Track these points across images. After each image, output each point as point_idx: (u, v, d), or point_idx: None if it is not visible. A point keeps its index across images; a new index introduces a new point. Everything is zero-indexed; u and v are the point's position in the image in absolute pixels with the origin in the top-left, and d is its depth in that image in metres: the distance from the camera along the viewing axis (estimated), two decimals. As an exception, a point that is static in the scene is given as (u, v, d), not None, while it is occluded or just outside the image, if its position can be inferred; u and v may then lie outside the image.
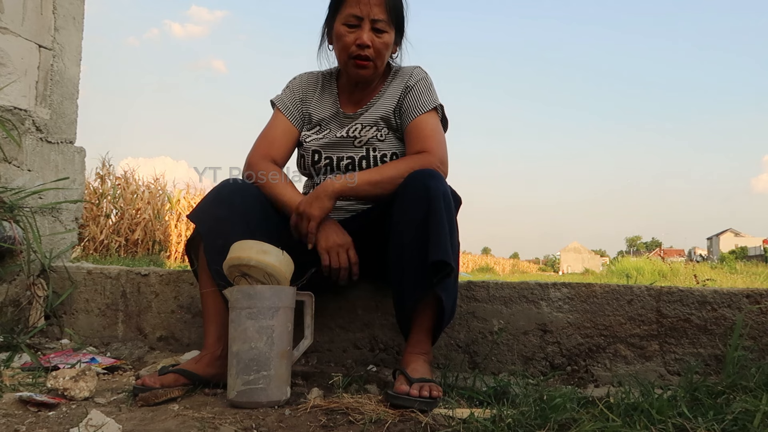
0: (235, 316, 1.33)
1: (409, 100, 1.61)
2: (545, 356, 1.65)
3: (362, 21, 1.54)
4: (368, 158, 1.63)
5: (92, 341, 2.03)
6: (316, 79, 1.75)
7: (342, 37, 1.56)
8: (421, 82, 1.63)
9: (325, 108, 1.71)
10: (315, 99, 1.72)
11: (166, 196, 10.48)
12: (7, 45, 2.10)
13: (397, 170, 1.48)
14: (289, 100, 1.71)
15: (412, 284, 1.38)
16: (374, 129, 1.64)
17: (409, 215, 1.37)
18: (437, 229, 1.33)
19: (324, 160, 1.66)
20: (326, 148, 1.66)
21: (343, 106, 1.70)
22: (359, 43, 1.55)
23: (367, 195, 1.51)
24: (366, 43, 1.54)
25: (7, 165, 2.10)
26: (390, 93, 1.65)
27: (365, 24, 1.54)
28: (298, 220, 1.49)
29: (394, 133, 1.65)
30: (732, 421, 1.09)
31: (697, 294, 1.57)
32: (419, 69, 1.68)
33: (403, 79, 1.66)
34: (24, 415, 1.21)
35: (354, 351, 1.77)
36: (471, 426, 1.13)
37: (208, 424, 1.16)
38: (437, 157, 1.51)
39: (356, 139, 1.64)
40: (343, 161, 1.64)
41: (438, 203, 1.35)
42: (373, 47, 1.56)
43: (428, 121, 1.58)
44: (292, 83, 1.75)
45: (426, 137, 1.55)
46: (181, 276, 1.99)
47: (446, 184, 1.42)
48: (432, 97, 1.62)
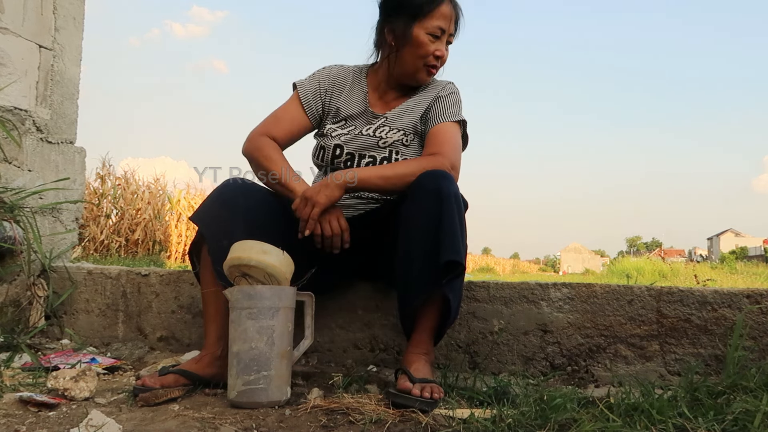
0: (235, 317, 1.33)
1: (436, 108, 1.64)
2: (545, 356, 1.65)
3: (444, 34, 1.61)
4: (390, 161, 1.63)
5: (92, 341, 2.03)
6: (347, 74, 1.75)
7: (424, 46, 1.60)
8: (452, 95, 1.67)
9: (354, 104, 1.71)
10: (345, 93, 1.72)
11: (167, 197, 10.49)
12: (7, 45, 2.10)
13: (409, 168, 1.48)
14: (311, 89, 1.71)
15: (421, 282, 1.37)
16: (401, 133, 1.65)
17: (421, 214, 1.38)
18: (450, 229, 1.34)
19: (345, 155, 1.65)
20: (350, 144, 1.66)
21: (372, 105, 1.70)
22: (438, 55, 1.61)
23: (377, 189, 1.51)
24: (444, 56, 1.63)
25: (7, 165, 2.10)
26: (421, 101, 1.68)
27: (444, 37, 1.62)
28: (302, 205, 1.47)
29: (419, 141, 1.67)
30: (732, 421, 1.09)
31: (698, 294, 1.57)
32: (452, 84, 1.72)
33: (435, 89, 1.69)
34: (24, 415, 1.21)
35: (354, 351, 1.77)
36: (471, 426, 1.13)
37: (208, 424, 1.16)
38: (449, 161, 1.52)
39: (381, 139, 1.64)
40: (365, 159, 1.64)
41: (450, 203, 1.36)
42: (442, 59, 1.64)
43: (449, 129, 1.61)
44: (320, 73, 1.74)
45: (443, 142, 1.57)
46: (181, 276, 1.99)
47: (457, 186, 1.43)
48: (458, 111, 1.65)
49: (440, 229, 1.34)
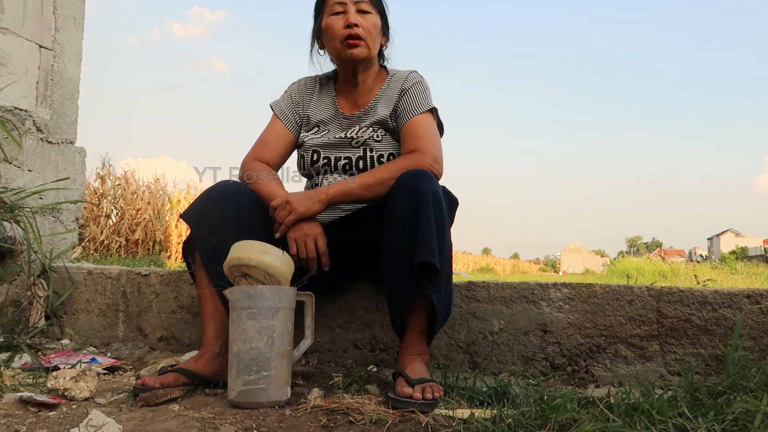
0: (235, 317, 1.33)
1: (405, 103, 1.64)
2: (546, 356, 1.65)
3: (346, 6, 1.62)
4: (365, 158, 1.64)
5: (92, 341, 2.03)
6: (314, 83, 1.79)
7: (331, 27, 1.62)
8: (417, 85, 1.66)
9: (324, 110, 1.74)
10: (313, 101, 1.76)
11: (167, 197, 10.49)
12: (7, 45, 2.10)
13: (389, 172, 1.49)
14: (286, 105, 1.76)
15: (402, 286, 1.38)
16: (371, 130, 1.66)
17: (398, 216, 1.38)
18: (424, 230, 1.33)
19: (323, 159, 1.67)
20: (325, 147, 1.68)
21: (342, 107, 1.72)
22: (348, 24, 1.61)
23: (361, 198, 1.52)
24: (353, 22, 1.60)
25: (7, 165, 2.10)
26: (387, 96, 1.68)
27: (349, 7, 1.62)
28: (280, 208, 1.49)
29: (391, 135, 1.67)
30: (732, 421, 1.09)
31: (698, 294, 1.57)
32: (415, 73, 1.71)
33: (399, 82, 1.68)
34: (24, 416, 1.21)
35: (354, 351, 1.77)
36: (471, 426, 1.13)
37: (208, 424, 1.16)
38: (430, 156, 1.52)
39: (353, 139, 1.65)
40: (341, 161, 1.66)
41: (426, 204, 1.35)
42: (361, 27, 1.62)
43: (423, 121, 1.60)
44: (290, 88, 1.80)
45: (420, 137, 1.57)
46: (181, 276, 1.99)
47: (437, 184, 1.42)
48: (427, 100, 1.64)
49: (416, 231, 1.33)
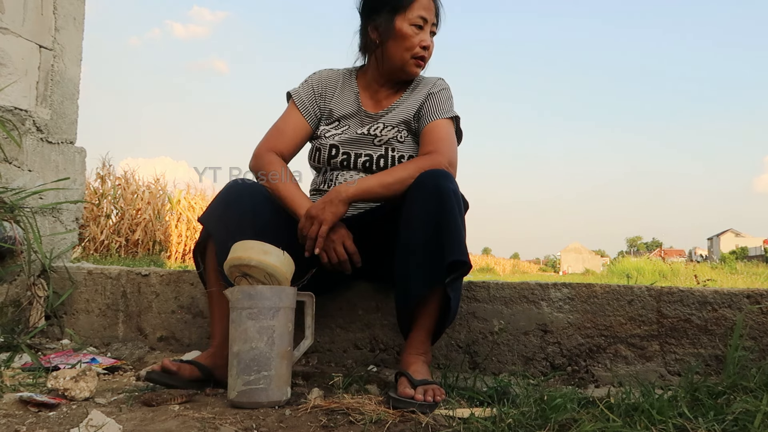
0: (235, 317, 1.33)
1: (429, 106, 1.65)
2: (546, 356, 1.65)
3: (427, 24, 1.63)
4: (386, 157, 1.64)
5: (93, 341, 2.03)
6: (337, 76, 1.77)
7: (409, 37, 1.62)
8: (443, 92, 1.68)
9: (346, 105, 1.73)
10: (336, 95, 1.75)
11: (167, 197, 10.49)
12: (7, 45, 2.11)
13: (407, 171, 1.49)
14: (306, 95, 1.74)
15: (421, 280, 1.38)
16: (395, 130, 1.66)
17: (421, 214, 1.38)
18: (453, 228, 1.35)
19: (341, 155, 1.67)
20: (345, 144, 1.67)
21: (365, 104, 1.72)
22: (424, 45, 1.63)
23: (380, 197, 1.51)
24: (429, 45, 1.64)
25: (7, 165, 2.11)
26: (413, 98, 1.69)
27: (428, 27, 1.63)
28: (308, 224, 1.47)
29: (413, 137, 1.68)
30: (732, 421, 1.09)
31: (698, 294, 1.57)
32: (443, 80, 1.73)
33: (426, 87, 1.70)
34: (24, 416, 1.21)
35: (354, 351, 1.77)
36: (471, 426, 1.13)
37: (208, 424, 1.16)
38: (446, 158, 1.53)
39: (376, 137, 1.66)
40: (361, 158, 1.65)
41: (450, 202, 1.36)
42: (429, 50, 1.65)
43: (442, 125, 1.62)
44: (312, 78, 1.77)
45: (438, 140, 1.58)
46: (181, 276, 1.99)
47: (456, 183, 1.44)
48: (450, 107, 1.66)
49: (442, 228, 1.35)
